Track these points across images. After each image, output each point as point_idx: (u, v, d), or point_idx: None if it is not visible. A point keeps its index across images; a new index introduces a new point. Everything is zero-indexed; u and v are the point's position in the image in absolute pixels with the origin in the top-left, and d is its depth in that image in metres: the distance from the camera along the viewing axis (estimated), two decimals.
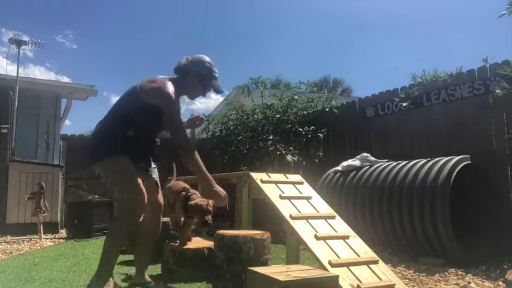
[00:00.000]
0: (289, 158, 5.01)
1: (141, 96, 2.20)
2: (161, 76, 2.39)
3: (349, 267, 2.16)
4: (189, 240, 2.91)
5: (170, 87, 2.20)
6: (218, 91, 2.43)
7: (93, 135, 2.39)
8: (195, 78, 2.36)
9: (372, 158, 4.31)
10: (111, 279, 2.16)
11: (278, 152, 5.13)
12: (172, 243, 2.85)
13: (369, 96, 5.29)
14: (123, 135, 2.21)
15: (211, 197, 2.27)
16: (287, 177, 3.11)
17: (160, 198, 2.48)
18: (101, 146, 2.27)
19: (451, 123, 4.14)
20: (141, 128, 2.25)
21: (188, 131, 3.11)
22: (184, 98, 2.56)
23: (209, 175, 2.21)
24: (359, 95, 8.31)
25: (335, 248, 2.32)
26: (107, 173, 2.30)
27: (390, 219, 3.51)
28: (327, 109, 5.78)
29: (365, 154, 4.40)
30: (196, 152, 2.21)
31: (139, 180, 2.18)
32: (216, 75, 2.41)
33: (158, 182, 2.49)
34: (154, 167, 2.45)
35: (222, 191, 2.21)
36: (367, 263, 2.26)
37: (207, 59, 2.41)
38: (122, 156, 2.18)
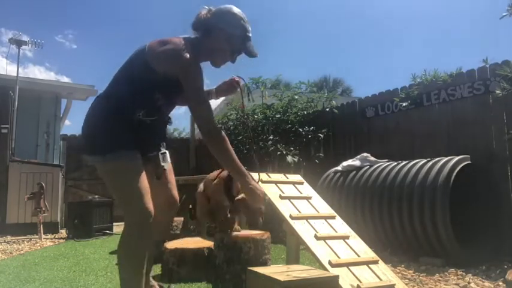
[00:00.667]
0: (289, 158, 5.01)
1: (150, 61, 1.66)
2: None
3: (349, 267, 2.16)
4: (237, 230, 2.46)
5: (190, 51, 1.67)
6: (252, 55, 1.83)
7: (89, 114, 1.76)
8: (222, 38, 1.77)
9: (372, 158, 4.31)
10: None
11: (278, 153, 5.13)
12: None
13: (369, 96, 5.30)
14: (129, 117, 1.68)
15: (246, 197, 1.84)
16: (287, 177, 3.10)
17: (175, 192, 1.97)
18: (98, 134, 1.71)
19: (451, 123, 4.14)
20: (151, 105, 1.73)
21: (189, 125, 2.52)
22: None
23: (243, 168, 1.74)
24: (359, 95, 8.33)
25: (335, 248, 2.31)
26: (105, 173, 1.72)
27: (390, 219, 3.51)
28: (327, 109, 5.79)
29: (365, 154, 4.40)
30: (226, 138, 1.72)
31: (148, 190, 1.67)
32: (250, 35, 1.82)
33: (171, 171, 1.97)
34: (165, 152, 1.88)
35: (259, 188, 1.79)
36: (367, 263, 2.26)
37: (237, 11, 1.80)
38: (126, 152, 1.66)
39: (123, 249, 1.67)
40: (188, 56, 1.64)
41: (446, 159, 3.42)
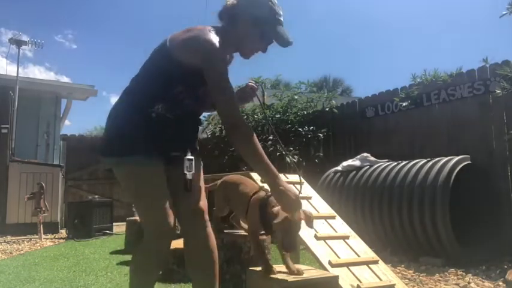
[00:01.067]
0: (288, 159, 5.00)
1: (173, 51, 1.52)
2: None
3: (349, 267, 2.16)
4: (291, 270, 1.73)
5: (215, 37, 1.51)
6: (285, 43, 1.61)
7: (110, 113, 1.65)
8: (249, 23, 1.59)
9: (372, 158, 4.31)
10: None
11: (278, 153, 5.12)
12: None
13: (369, 96, 5.30)
14: (147, 115, 1.52)
15: (277, 201, 1.56)
16: (287, 177, 3.10)
17: (199, 199, 1.65)
18: (116, 134, 1.59)
19: (451, 123, 4.14)
20: (173, 101, 1.56)
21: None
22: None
23: (273, 168, 1.51)
24: (359, 95, 8.33)
25: (335, 248, 2.31)
26: (122, 177, 1.60)
27: (390, 219, 3.51)
28: (327, 109, 5.79)
29: (365, 154, 4.41)
30: (253, 132, 1.54)
31: (166, 196, 1.53)
32: (281, 19, 1.63)
33: (199, 177, 1.70)
34: (191, 159, 1.63)
35: (292, 191, 1.51)
36: (367, 263, 2.26)
37: None
38: (146, 156, 1.52)
39: (136, 255, 1.63)
40: (212, 39, 1.49)
41: (446, 159, 3.42)
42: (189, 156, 1.62)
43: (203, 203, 1.66)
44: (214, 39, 1.50)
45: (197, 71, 1.49)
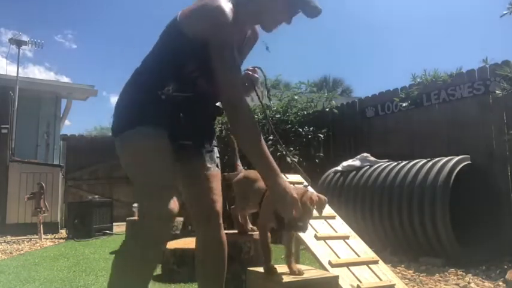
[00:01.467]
0: (288, 159, 5.01)
1: (181, 26, 1.36)
2: None
3: (349, 267, 2.16)
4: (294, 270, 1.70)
5: (226, 4, 1.34)
6: (312, 12, 1.41)
7: (118, 101, 1.48)
8: None
9: (372, 158, 4.31)
10: None
11: (278, 153, 5.13)
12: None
13: (368, 96, 5.30)
14: (155, 96, 1.36)
15: (272, 199, 1.42)
16: (287, 177, 3.10)
17: (219, 205, 1.54)
18: (123, 112, 1.43)
19: (451, 123, 4.13)
20: (184, 81, 1.40)
21: None
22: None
23: (276, 166, 1.37)
24: (359, 95, 8.33)
25: (335, 248, 2.31)
26: (126, 159, 1.39)
27: (390, 219, 3.51)
28: (327, 109, 5.79)
29: (365, 154, 4.40)
30: (253, 115, 1.41)
31: (169, 178, 1.32)
32: None
33: (216, 175, 1.57)
34: (211, 150, 1.55)
35: (291, 193, 1.35)
36: (367, 263, 2.26)
37: None
38: (151, 128, 1.34)
39: (123, 248, 1.39)
40: (222, 5, 1.32)
41: (446, 159, 3.42)
42: (208, 148, 1.50)
43: (219, 205, 1.53)
44: (225, 5, 1.32)
45: (207, 45, 1.32)
